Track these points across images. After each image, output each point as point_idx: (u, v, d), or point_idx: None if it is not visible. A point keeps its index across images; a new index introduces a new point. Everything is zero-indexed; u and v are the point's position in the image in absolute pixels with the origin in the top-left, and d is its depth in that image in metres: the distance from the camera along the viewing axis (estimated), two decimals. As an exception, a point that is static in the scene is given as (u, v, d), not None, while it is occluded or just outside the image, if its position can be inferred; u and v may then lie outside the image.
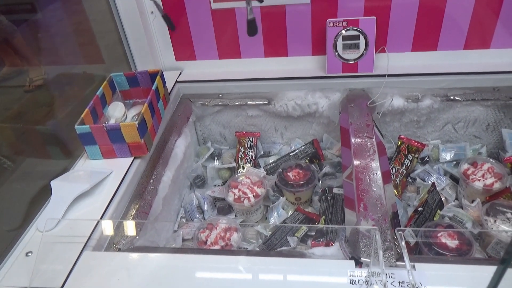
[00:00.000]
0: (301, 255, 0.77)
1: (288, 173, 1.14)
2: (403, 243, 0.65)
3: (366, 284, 0.64)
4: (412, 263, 0.67)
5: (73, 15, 1.34)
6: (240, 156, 1.28)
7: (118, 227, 0.85)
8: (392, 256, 0.71)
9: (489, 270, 0.67)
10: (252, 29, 0.91)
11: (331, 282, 0.67)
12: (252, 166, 1.27)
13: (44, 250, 0.75)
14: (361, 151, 0.96)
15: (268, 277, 0.69)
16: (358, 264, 0.69)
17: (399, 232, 0.66)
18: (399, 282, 0.65)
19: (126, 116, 1.13)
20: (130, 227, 0.86)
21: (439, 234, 0.92)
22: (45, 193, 0.89)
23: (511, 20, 1.13)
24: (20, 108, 1.46)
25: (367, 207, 0.82)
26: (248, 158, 1.28)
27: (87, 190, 0.88)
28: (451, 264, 0.70)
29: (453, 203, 1.10)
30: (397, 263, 0.70)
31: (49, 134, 1.28)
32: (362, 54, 1.18)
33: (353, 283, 0.65)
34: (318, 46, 1.25)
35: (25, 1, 1.26)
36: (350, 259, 0.71)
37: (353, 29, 1.16)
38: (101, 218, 0.83)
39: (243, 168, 1.26)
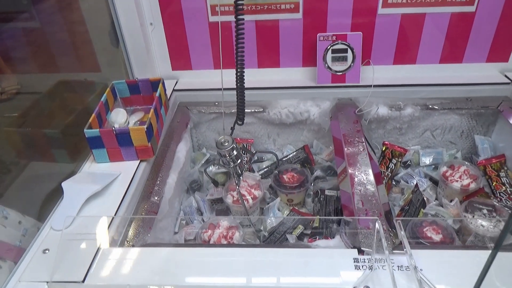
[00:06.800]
0: (307, 247, 0.84)
1: (283, 176, 1.21)
2: (402, 232, 0.73)
3: (370, 269, 0.72)
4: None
5: (73, 24, 1.37)
6: (235, 161, 1.34)
7: (130, 225, 0.89)
8: (388, 245, 0.79)
9: (476, 254, 0.77)
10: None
11: (337, 268, 0.74)
12: (246, 171, 1.33)
13: (62, 246, 0.78)
14: (354, 155, 1.05)
15: (277, 264, 0.75)
16: (361, 252, 0.76)
17: (398, 221, 0.74)
18: (398, 266, 0.72)
19: (128, 122, 1.17)
20: (141, 224, 0.90)
21: (425, 229, 1.01)
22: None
23: (480, 38, 1.27)
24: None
25: (363, 203, 0.90)
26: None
27: (98, 191, 0.92)
28: (442, 249, 0.79)
29: (434, 202, 1.20)
30: (394, 251, 0.78)
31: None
32: (350, 66, 1.28)
33: (358, 268, 0.72)
34: (308, 58, 1.34)
35: (22, 10, 1.29)
36: (353, 248, 0.78)
37: (342, 43, 1.26)
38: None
39: (239, 173, 1.31)
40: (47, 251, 0.79)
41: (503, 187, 1.16)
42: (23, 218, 0.91)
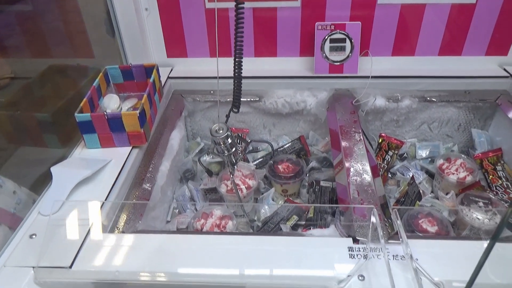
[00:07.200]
0: (301, 235, 0.82)
1: (279, 166, 1.20)
2: (399, 221, 0.71)
3: (364, 258, 0.70)
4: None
5: (67, 10, 1.34)
6: (229, 151, 1.32)
7: (120, 212, 0.87)
8: (384, 235, 0.78)
9: (472, 245, 0.76)
10: None
11: (331, 257, 0.72)
12: (241, 160, 1.31)
13: (50, 231, 0.76)
14: (351, 146, 1.03)
15: (270, 253, 0.73)
16: (356, 241, 0.75)
17: (394, 210, 0.72)
18: (393, 255, 0.71)
19: (121, 108, 1.15)
20: (132, 211, 0.88)
21: (420, 221, 1.00)
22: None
23: (480, 31, 1.25)
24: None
25: (359, 193, 0.88)
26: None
27: (88, 177, 0.89)
28: (437, 240, 0.78)
29: (429, 195, 1.19)
30: (389, 241, 0.77)
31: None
32: (348, 56, 1.26)
33: (352, 257, 0.71)
34: (306, 48, 1.32)
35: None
36: (347, 237, 0.77)
37: (340, 33, 1.24)
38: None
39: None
40: (34, 236, 0.77)
41: (500, 181, 1.15)
42: (19, 189, 0.90)
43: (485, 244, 0.74)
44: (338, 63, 1.27)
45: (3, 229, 0.81)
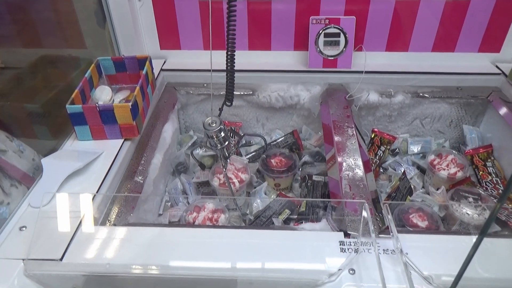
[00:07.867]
0: (293, 229, 0.82)
1: (271, 160, 1.20)
2: (389, 216, 0.72)
3: (355, 252, 0.71)
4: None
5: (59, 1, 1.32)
6: (222, 144, 1.31)
7: (112, 204, 0.87)
8: (375, 229, 0.78)
9: (461, 240, 0.76)
10: None
11: (322, 251, 0.73)
12: (234, 154, 1.31)
13: (40, 223, 0.76)
14: (343, 141, 1.03)
15: (262, 246, 0.74)
16: (347, 235, 0.75)
17: (385, 205, 0.73)
18: (383, 250, 0.72)
19: (113, 100, 1.14)
20: (123, 204, 0.88)
21: (411, 216, 1.01)
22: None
23: (473, 28, 1.26)
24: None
25: (351, 188, 0.89)
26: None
27: (79, 169, 0.89)
28: (427, 234, 0.78)
29: (420, 190, 1.20)
30: (380, 235, 0.78)
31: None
32: (342, 51, 1.26)
33: (344, 251, 0.72)
34: (300, 42, 1.32)
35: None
36: (339, 231, 0.77)
37: (334, 27, 1.24)
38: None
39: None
40: (24, 229, 0.76)
41: (489, 177, 1.17)
42: (37, 157, 0.95)
43: (474, 239, 0.75)
44: (332, 58, 1.27)
45: (23, 189, 0.87)
